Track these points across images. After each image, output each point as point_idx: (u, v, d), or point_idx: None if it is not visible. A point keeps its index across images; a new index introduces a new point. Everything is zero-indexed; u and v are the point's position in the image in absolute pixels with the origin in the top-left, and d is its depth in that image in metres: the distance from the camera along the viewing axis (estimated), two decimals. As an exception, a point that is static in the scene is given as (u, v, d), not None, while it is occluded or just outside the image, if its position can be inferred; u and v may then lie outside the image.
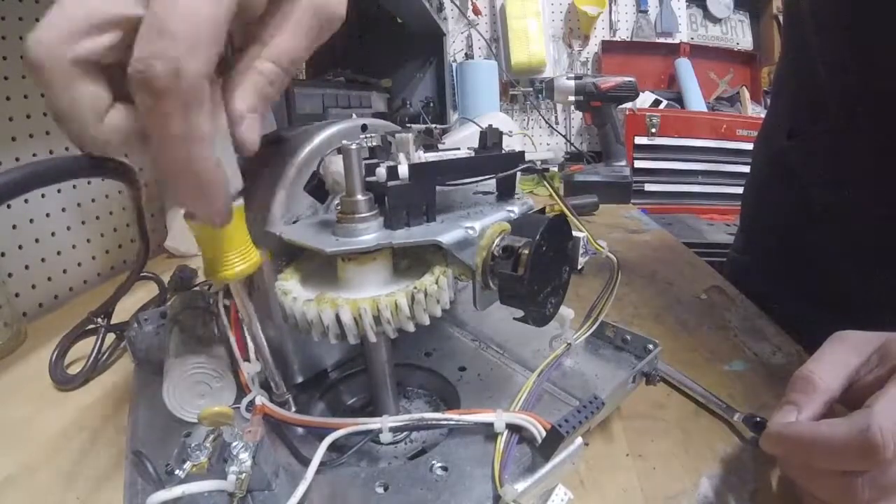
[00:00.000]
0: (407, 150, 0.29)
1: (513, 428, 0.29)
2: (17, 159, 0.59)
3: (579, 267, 0.31)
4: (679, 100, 1.90)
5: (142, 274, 0.50)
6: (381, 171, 0.26)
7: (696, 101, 1.86)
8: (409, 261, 0.30)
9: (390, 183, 0.26)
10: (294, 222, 0.32)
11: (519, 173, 0.33)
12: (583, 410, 0.27)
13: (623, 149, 1.17)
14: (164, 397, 0.33)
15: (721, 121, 1.72)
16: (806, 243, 0.61)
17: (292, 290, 0.28)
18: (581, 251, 0.31)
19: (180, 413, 0.33)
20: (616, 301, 0.36)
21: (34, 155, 0.61)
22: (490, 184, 0.33)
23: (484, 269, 0.27)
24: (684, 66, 1.92)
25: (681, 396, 0.40)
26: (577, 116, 1.88)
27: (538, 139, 1.82)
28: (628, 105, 1.50)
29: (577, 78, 1.14)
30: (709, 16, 2.03)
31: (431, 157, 0.29)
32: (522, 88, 1.82)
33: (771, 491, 0.31)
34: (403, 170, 0.27)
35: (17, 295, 0.59)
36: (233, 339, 0.36)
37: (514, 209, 0.31)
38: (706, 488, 0.31)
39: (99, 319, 0.48)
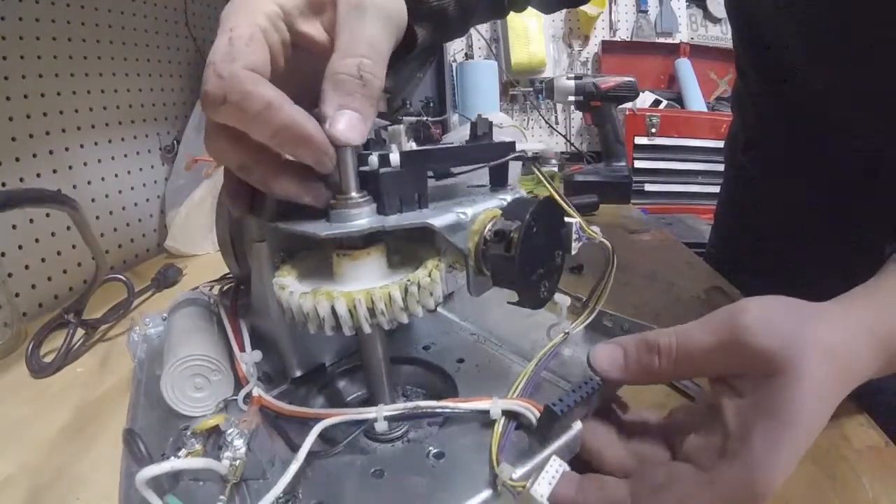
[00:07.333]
0: (399, 140, 0.29)
1: (510, 415, 0.29)
2: (17, 159, 0.59)
3: (573, 252, 0.31)
4: (679, 100, 1.89)
5: (113, 276, 0.58)
6: (373, 160, 0.27)
7: (696, 101, 1.85)
8: (402, 256, 0.30)
9: (382, 170, 0.26)
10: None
11: (518, 173, 0.33)
12: (577, 390, 0.27)
13: (623, 149, 1.16)
14: (163, 390, 0.33)
15: (721, 121, 1.70)
16: (768, 244, 0.64)
17: (289, 285, 0.28)
18: (574, 237, 0.31)
19: (178, 406, 0.33)
20: (616, 301, 0.35)
21: (34, 155, 0.61)
22: (483, 178, 0.33)
23: (476, 253, 0.27)
24: (684, 66, 1.91)
25: (681, 396, 0.40)
26: (577, 116, 1.88)
27: (538, 139, 1.82)
28: (628, 105, 1.49)
29: (577, 78, 1.14)
30: (709, 16, 2.02)
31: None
32: (522, 88, 1.82)
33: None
34: (395, 157, 0.27)
35: (17, 295, 0.59)
36: (230, 331, 0.36)
37: (507, 198, 0.31)
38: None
39: (70, 316, 0.52)
